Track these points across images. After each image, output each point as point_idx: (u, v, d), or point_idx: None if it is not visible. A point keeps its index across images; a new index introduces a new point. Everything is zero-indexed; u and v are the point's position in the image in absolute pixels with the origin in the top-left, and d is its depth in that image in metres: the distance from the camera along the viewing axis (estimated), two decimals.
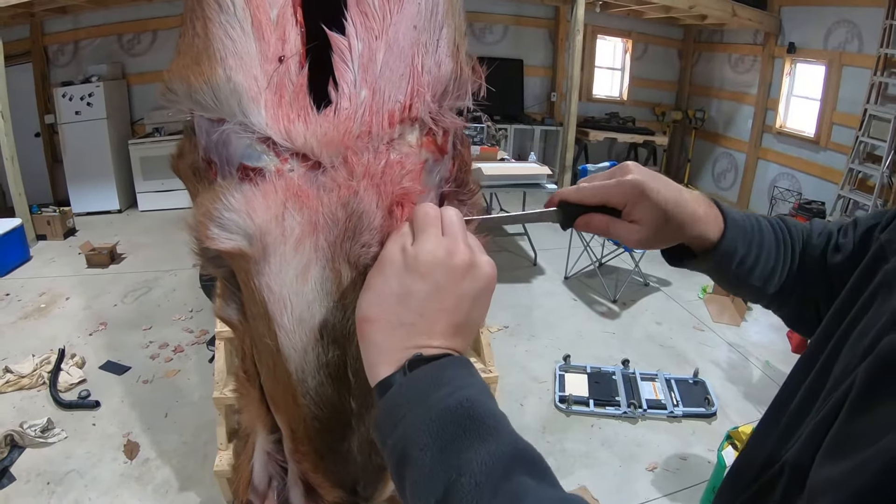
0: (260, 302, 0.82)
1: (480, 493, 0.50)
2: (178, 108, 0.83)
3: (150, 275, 5.83)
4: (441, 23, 0.81)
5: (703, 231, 0.83)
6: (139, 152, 7.78)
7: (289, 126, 0.76)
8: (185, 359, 4.33)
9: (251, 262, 0.80)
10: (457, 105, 0.86)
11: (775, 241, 0.90)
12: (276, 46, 0.75)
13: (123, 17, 7.98)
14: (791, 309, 0.95)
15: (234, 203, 0.76)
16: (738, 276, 0.88)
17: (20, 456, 3.29)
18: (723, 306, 5.47)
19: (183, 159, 0.90)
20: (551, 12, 9.66)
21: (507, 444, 0.54)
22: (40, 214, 6.76)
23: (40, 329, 4.73)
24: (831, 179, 7.28)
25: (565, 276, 6.02)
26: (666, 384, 4.11)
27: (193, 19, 0.79)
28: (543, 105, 10.10)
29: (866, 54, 6.84)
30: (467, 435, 0.54)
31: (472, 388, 0.58)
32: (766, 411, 0.83)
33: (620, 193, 0.77)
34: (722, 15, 7.85)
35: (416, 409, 0.56)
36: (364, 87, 0.77)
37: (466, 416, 0.55)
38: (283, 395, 0.89)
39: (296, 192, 0.76)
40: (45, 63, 7.90)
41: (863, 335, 0.65)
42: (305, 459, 0.94)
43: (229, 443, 2.90)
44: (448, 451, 0.53)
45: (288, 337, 0.82)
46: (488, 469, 0.51)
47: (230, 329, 0.98)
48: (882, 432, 0.51)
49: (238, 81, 0.75)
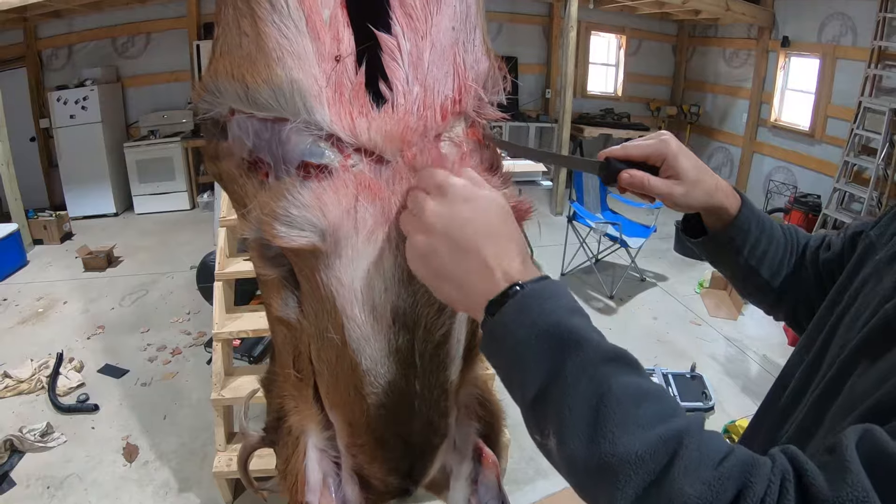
0: (327, 297, 0.84)
1: (576, 379, 0.58)
2: (220, 110, 0.85)
3: (147, 277, 5.83)
4: (475, 23, 0.86)
5: (724, 201, 0.92)
6: (134, 155, 7.78)
7: (353, 123, 0.78)
8: (184, 361, 4.34)
9: (320, 258, 0.82)
10: (493, 99, 0.91)
11: (784, 236, 0.97)
12: (332, 46, 0.78)
13: (117, 21, 7.97)
14: (788, 308, 1.00)
15: (304, 200, 0.78)
16: (749, 264, 0.96)
17: (20, 461, 3.30)
18: (719, 300, 5.48)
19: (222, 162, 0.91)
20: (545, 9, 9.66)
21: (588, 353, 0.59)
22: (36, 219, 6.75)
23: (38, 334, 4.72)
24: (827, 172, 7.28)
25: (562, 272, 6.02)
26: (663, 379, 4.11)
27: (238, 18, 0.81)
28: (538, 102, 10.10)
29: (860, 47, 6.85)
30: (557, 351, 0.60)
31: (552, 314, 0.62)
32: (762, 404, 0.86)
33: (661, 149, 0.87)
34: (716, 9, 7.84)
35: (510, 338, 0.63)
36: (416, 84, 0.81)
37: (555, 336, 0.61)
38: (344, 389, 0.92)
39: (367, 184, 0.79)
40: (39, 67, 7.88)
41: (856, 318, 0.70)
42: (362, 451, 0.96)
43: (228, 444, 2.91)
44: (545, 360, 0.61)
45: (359, 328, 0.85)
46: (578, 369, 0.59)
47: (286, 329, 0.99)
48: (882, 383, 0.55)
49: (299, 80, 0.77)
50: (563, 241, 6.04)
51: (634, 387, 0.57)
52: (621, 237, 5.32)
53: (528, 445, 3.46)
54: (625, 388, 0.57)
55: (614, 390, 0.56)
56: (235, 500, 3.01)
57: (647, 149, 0.87)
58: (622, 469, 0.52)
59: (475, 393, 1.14)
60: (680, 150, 0.87)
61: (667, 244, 6.71)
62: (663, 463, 0.51)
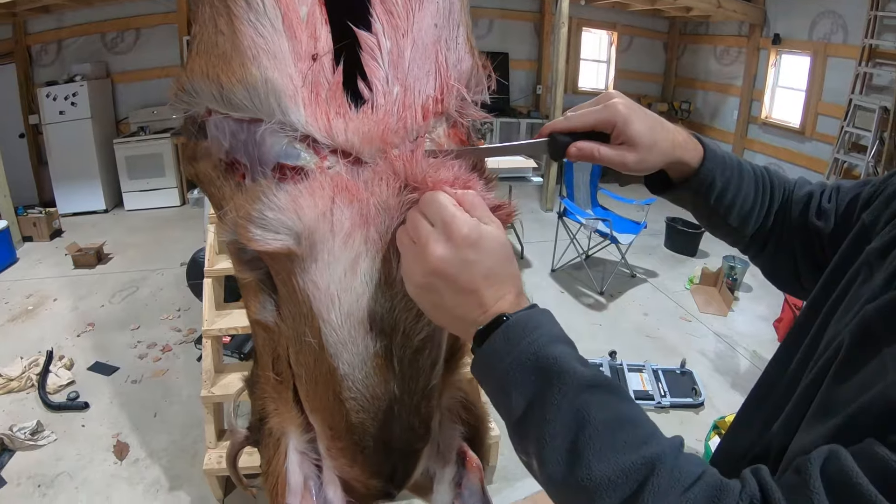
0: (303, 301, 0.83)
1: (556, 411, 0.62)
2: (197, 110, 0.84)
3: (137, 274, 5.81)
4: (458, 20, 0.84)
5: (683, 156, 0.86)
6: (124, 151, 7.73)
7: (329, 123, 0.77)
8: (174, 358, 4.33)
9: (296, 262, 0.81)
10: (476, 98, 0.89)
11: (754, 183, 0.92)
12: (309, 44, 0.77)
13: (107, 16, 7.92)
14: (768, 258, 0.98)
15: (279, 202, 0.77)
16: (717, 212, 0.92)
17: (10, 459, 3.29)
18: (709, 297, 5.50)
19: (199, 162, 0.91)
20: (536, 5, 9.67)
21: (569, 383, 0.63)
22: (26, 216, 6.71)
23: (28, 331, 4.70)
24: (817, 169, 7.31)
25: (552, 268, 6.04)
26: (653, 375, 4.13)
27: (215, 16, 0.79)
28: (529, 98, 10.11)
29: (851, 45, 6.88)
30: (539, 382, 0.64)
31: (535, 343, 0.66)
32: (749, 395, 0.85)
33: (608, 116, 0.80)
34: (707, 7, 7.86)
35: (496, 370, 0.68)
36: (396, 84, 0.79)
37: (535, 366, 0.65)
38: (322, 393, 0.91)
39: (344, 186, 0.78)
40: (28, 63, 7.83)
41: (846, 312, 0.68)
42: (343, 455, 0.96)
43: (218, 441, 2.91)
44: (524, 392, 0.65)
45: (335, 332, 0.84)
46: (556, 401, 0.62)
47: (264, 332, 0.99)
48: (865, 389, 0.54)
49: (274, 80, 0.75)
50: (553, 237, 6.05)
51: (612, 414, 0.60)
52: (612, 233, 5.33)
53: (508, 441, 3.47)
54: (603, 416, 0.60)
55: (592, 419, 0.60)
56: (226, 497, 3.01)
57: (591, 117, 0.81)
58: (597, 492, 0.56)
59: (459, 396, 1.14)
60: (630, 114, 0.79)
61: (657, 240, 6.74)
62: (634, 487, 0.55)
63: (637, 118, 0.80)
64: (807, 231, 0.91)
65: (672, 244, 6.66)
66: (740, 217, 0.92)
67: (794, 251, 0.93)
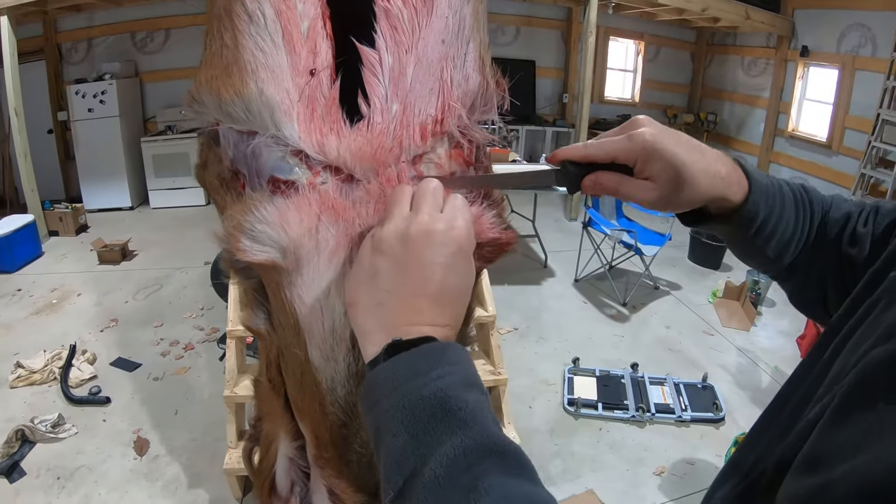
0: (290, 313, 0.83)
1: (438, 484, 0.50)
2: (206, 119, 0.84)
3: (161, 272, 5.86)
4: (468, 37, 0.82)
5: (724, 192, 0.75)
6: (151, 150, 7.81)
7: (322, 139, 0.76)
8: (196, 356, 4.35)
9: (283, 275, 0.80)
10: (483, 118, 0.86)
11: (795, 212, 0.82)
12: (308, 59, 0.76)
13: (136, 16, 8.02)
14: (796, 283, 0.89)
15: (267, 215, 0.77)
16: (754, 244, 0.81)
17: (31, 451, 3.32)
18: (732, 311, 5.45)
19: (207, 170, 0.91)
20: (563, 13, 9.64)
21: (475, 438, 0.53)
22: (52, 211, 6.80)
23: (52, 325, 4.76)
24: (843, 184, 7.23)
25: (575, 278, 6.00)
26: (675, 388, 4.09)
27: (221, 29, 0.79)
28: (555, 106, 10.08)
29: (880, 58, 6.81)
30: (437, 427, 0.53)
31: (448, 378, 0.56)
32: (765, 409, 0.81)
33: (631, 149, 0.70)
34: (735, 18, 7.81)
35: (390, 397, 0.56)
36: (395, 102, 0.77)
37: (439, 407, 0.54)
38: (309, 404, 0.90)
39: (331, 204, 0.77)
40: (58, 60, 7.95)
41: (858, 344, 0.63)
42: (329, 465, 0.94)
43: (239, 441, 2.92)
44: (417, 440, 0.53)
45: (319, 348, 0.83)
46: (450, 461, 0.51)
47: (258, 338, 0.99)
48: (851, 451, 0.49)
49: (270, 94, 0.75)
50: (577, 246, 6.02)
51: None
52: (636, 245, 5.30)
53: (537, 452, 3.46)
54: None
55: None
56: (245, 497, 3.01)
57: (612, 147, 0.71)
58: None
59: None
60: (658, 148, 0.69)
61: (681, 252, 6.68)
62: None
63: (668, 152, 0.69)
64: (840, 257, 0.82)
65: (696, 257, 6.61)
66: (778, 248, 0.82)
67: (824, 277, 0.84)
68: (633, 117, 0.74)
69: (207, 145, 0.93)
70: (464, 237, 0.65)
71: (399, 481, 0.52)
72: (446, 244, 0.64)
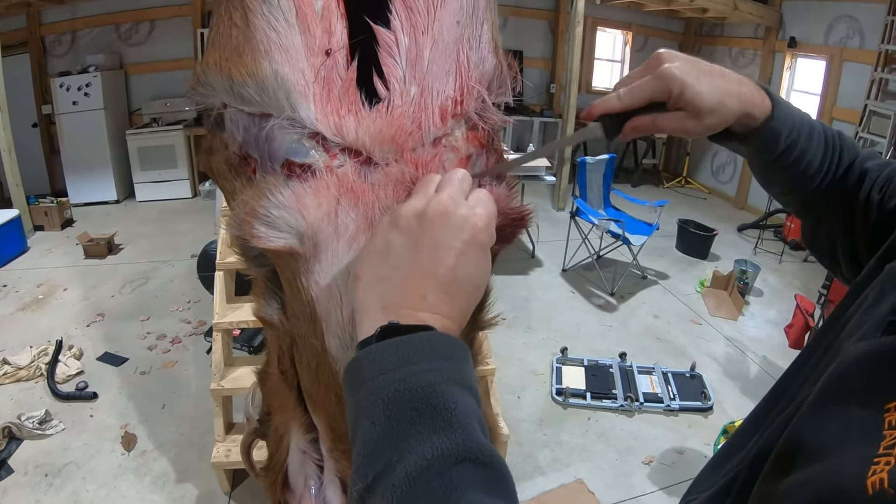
0: (307, 301, 0.81)
1: (410, 484, 0.47)
2: (213, 102, 0.82)
3: (147, 265, 5.82)
4: (482, 18, 0.81)
5: (749, 110, 0.77)
6: (136, 143, 7.75)
7: (339, 121, 0.75)
8: (183, 350, 4.33)
9: (300, 261, 0.78)
10: (498, 100, 0.85)
11: (824, 145, 0.83)
12: (323, 39, 0.75)
13: (121, 7, 7.93)
14: (809, 223, 0.89)
15: (284, 200, 0.75)
16: (777, 166, 0.82)
17: (18, 448, 3.29)
18: (720, 300, 5.47)
19: (214, 156, 0.89)
20: (551, 3, 9.63)
21: (457, 441, 0.49)
22: (37, 205, 6.73)
23: (38, 320, 4.72)
24: None
25: (563, 268, 6.02)
26: (663, 378, 4.11)
27: (231, 9, 0.78)
28: (543, 97, 10.07)
29: (867, 50, 6.82)
30: (419, 422, 0.50)
31: (440, 373, 0.54)
32: (759, 402, 0.80)
33: (661, 88, 0.73)
34: (723, 8, 7.81)
35: (374, 381, 0.53)
36: (413, 83, 0.76)
37: (425, 401, 0.51)
38: (325, 395, 0.88)
39: (350, 187, 0.75)
40: (41, 53, 7.85)
41: (850, 335, 0.61)
42: (345, 457, 0.93)
43: (227, 434, 2.91)
44: (395, 433, 0.50)
45: (337, 337, 0.81)
46: (426, 463, 0.47)
47: (269, 329, 0.96)
48: (821, 453, 0.49)
49: (285, 75, 0.74)
50: (565, 236, 6.03)
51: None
52: (624, 234, 5.31)
53: (526, 442, 3.47)
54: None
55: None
56: (234, 490, 3.00)
57: (646, 91, 0.74)
58: None
59: None
60: (687, 78, 0.73)
61: (669, 242, 6.71)
62: None
63: (696, 81, 0.73)
64: (852, 213, 0.81)
65: (684, 246, 6.64)
66: (801, 178, 0.83)
67: (832, 226, 0.84)
68: (655, 52, 0.78)
69: (213, 131, 0.91)
70: (482, 226, 0.63)
71: (370, 475, 0.49)
72: (464, 228, 0.62)
